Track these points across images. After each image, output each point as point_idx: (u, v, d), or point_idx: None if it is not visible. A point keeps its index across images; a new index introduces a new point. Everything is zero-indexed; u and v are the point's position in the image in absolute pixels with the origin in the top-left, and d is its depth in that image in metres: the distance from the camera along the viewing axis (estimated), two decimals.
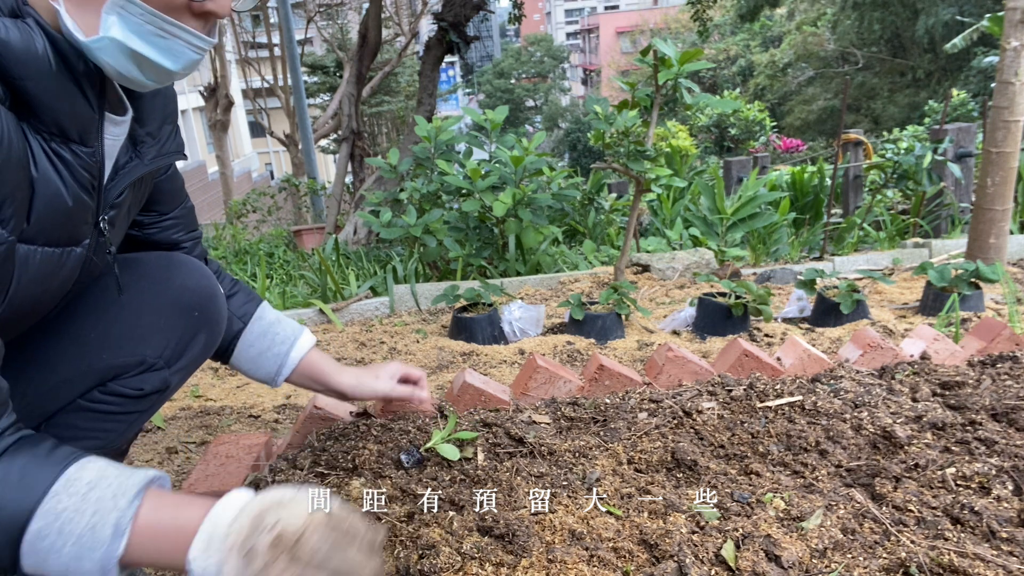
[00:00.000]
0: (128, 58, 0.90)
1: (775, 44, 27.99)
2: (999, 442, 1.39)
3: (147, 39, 0.89)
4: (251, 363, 1.35)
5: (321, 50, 24.70)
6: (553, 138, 35.41)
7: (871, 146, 7.94)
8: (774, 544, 1.11)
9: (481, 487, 1.33)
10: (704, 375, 1.79)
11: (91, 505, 0.80)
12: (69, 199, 0.92)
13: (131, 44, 0.88)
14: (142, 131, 1.08)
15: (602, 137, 3.19)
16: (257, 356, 1.34)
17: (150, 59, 0.91)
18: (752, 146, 15.21)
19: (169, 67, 0.93)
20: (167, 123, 1.15)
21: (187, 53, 0.94)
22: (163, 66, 0.92)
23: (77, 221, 0.95)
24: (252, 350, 1.34)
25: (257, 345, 1.34)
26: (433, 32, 7.55)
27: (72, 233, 0.96)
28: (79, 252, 0.98)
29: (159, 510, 0.84)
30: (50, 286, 0.96)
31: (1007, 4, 3.25)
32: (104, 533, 0.80)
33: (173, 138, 1.17)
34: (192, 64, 0.96)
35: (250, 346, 1.33)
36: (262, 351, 1.34)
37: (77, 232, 0.97)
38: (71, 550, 0.79)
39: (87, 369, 1.10)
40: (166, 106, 1.15)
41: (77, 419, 1.10)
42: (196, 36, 0.93)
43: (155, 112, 1.11)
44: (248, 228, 10.92)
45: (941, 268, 2.89)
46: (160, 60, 0.91)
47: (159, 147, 1.12)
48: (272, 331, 1.36)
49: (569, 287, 3.69)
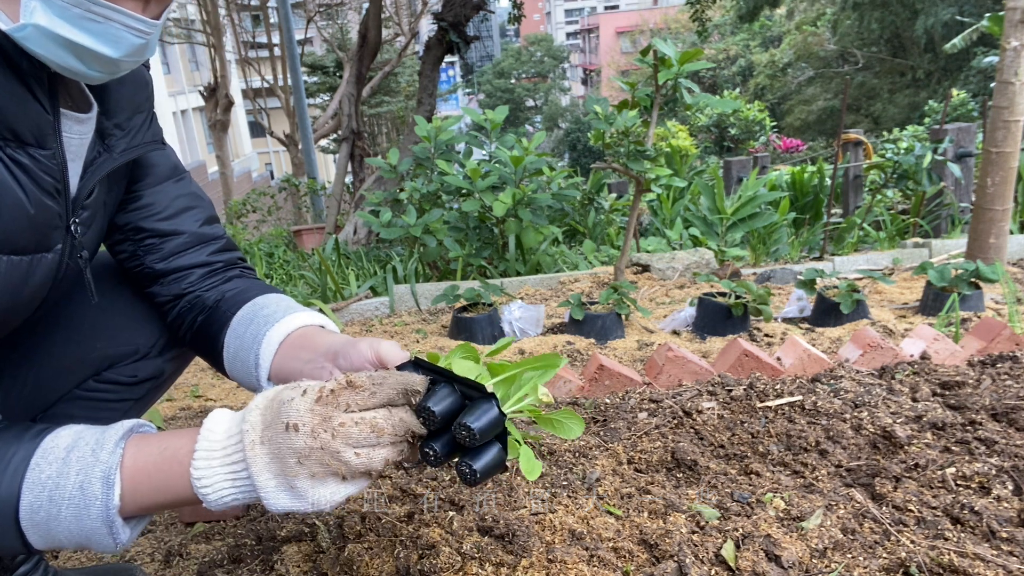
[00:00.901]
0: (61, 47, 0.81)
1: (775, 44, 28.00)
2: (999, 442, 1.39)
3: (77, 24, 0.80)
4: (233, 361, 1.08)
5: (321, 50, 24.72)
6: (553, 138, 35.42)
7: (871, 146, 7.94)
8: (774, 544, 1.11)
9: (481, 487, 1.33)
10: (704, 375, 1.79)
11: (73, 466, 0.80)
12: (31, 206, 0.87)
13: (60, 31, 0.80)
14: (109, 123, 1.02)
15: (602, 137, 3.19)
16: (237, 350, 1.07)
17: (86, 47, 0.82)
18: (752, 146, 15.22)
19: (110, 54, 0.84)
20: (138, 113, 1.07)
21: (127, 38, 0.84)
22: (102, 54, 0.83)
23: (43, 228, 0.90)
24: (233, 345, 1.08)
25: (238, 332, 1.08)
26: (433, 32, 7.55)
27: (40, 240, 0.91)
28: (50, 258, 0.94)
29: (143, 451, 0.82)
30: (21, 293, 0.92)
31: (1007, 4, 3.25)
32: (94, 488, 0.79)
33: (147, 128, 1.09)
34: (138, 50, 0.86)
35: (235, 339, 1.08)
36: (241, 341, 1.07)
37: (45, 239, 0.92)
38: (68, 513, 0.79)
39: (82, 359, 1.10)
40: (135, 95, 1.07)
41: (74, 409, 1.11)
42: (134, 18, 0.83)
43: (122, 102, 1.04)
44: (248, 228, 10.92)
45: (941, 268, 2.89)
46: (97, 47, 0.83)
47: (129, 138, 1.05)
48: (258, 314, 1.08)
49: (569, 287, 3.69)
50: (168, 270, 1.12)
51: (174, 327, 1.15)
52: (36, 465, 0.79)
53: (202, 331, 1.12)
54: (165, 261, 1.11)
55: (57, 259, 0.96)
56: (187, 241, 1.13)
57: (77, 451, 0.81)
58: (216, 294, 1.13)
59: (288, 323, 1.06)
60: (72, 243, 0.98)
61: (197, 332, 1.12)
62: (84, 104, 0.98)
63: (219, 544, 1.33)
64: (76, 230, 0.98)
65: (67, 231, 0.96)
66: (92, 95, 1.00)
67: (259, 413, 0.82)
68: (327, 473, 0.79)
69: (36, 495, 0.78)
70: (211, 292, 1.13)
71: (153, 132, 1.11)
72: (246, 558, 1.25)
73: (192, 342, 1.14)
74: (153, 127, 1.11)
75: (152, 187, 1.12)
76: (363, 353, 0.96)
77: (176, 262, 1.12)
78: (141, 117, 1.08)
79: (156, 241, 1.11)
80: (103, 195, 1.04)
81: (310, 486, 0.79)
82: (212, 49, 13.87)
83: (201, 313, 1.12)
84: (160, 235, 1.12)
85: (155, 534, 1.45)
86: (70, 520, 0.79)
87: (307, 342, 1.04)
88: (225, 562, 1.26)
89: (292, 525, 1.29)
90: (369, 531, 1.22)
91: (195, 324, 1.12)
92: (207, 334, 1.11)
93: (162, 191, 1.13)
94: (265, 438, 0.80)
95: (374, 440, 0.79)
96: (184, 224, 1.14)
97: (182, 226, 1.13)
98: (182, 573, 1.29)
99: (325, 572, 1.14)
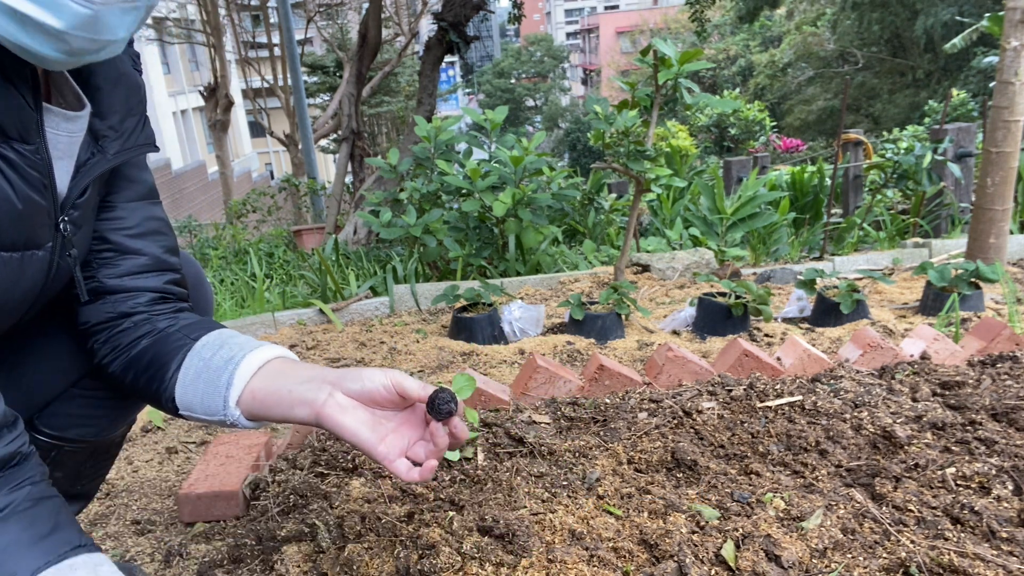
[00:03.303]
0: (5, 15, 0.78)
1: (775, 44, 28.01)
2: (999, 442, 1.39)
3: None
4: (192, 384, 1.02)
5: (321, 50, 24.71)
6: (553, 138, 35.43)
7: (871, 146, 7.94)
8: (774, 544, 1.11)
9: (481, 487, 1.33)
10: (704, 375, 1.80)
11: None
12: (18, 201, 0.87)
13: None
14: (103, 125, 1.02)
15: (602, 137, 3.19)
16: (201, 371, 1.02)
17: (26, 14, 0.78)
18: (752, 146, 15.22)
19: (53, 24, 0.80)
20: (131, 115, 1.07)
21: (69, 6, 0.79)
22: (45, 23, 0.79)
23: (31, 223, 0.91)
24: (194, 368, 1.03)
25: (204, 355, 1.04)
26: (433, 32, 7.55)
27: (29, 236, 0.91)
28: (41, 255, 0.94)
29: None
30: (14, 291, 0.91)
31: (1007, 4, 3.25)
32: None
33: (140, 131, 1.09)
34: (85, 23, 0.82)
35: (198, 360, 1.04)
36: (208, 364, 1.03)
37: (34, 235, 0.92)
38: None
39: (77, 356, 1.10)
40: (128, 98, 1.07)
41: (71, 407, 1.11)
42: None
43: (115, 105, 1.04)
44: (248, 228, 10.93)
45: (941, 268, 2.89)
46: (38, 15, 0.78)
47: (123, 141, 1.04)
48: (229, 341, 1.06)
49: (569, 287, 3.69)
50: (118, 288, 1.07)
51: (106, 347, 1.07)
52: None
53: (146, 354, 1.05)
54: (119, 279, 1.07)
55: (48, 256, 0.96)
56: (147, 264, 1.09)
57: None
58: (169, 320, 1.09)
59: (271, 350, 1.04)
60: (62, 241, 0.98)
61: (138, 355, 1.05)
62: (77, 104, 0.98)
63: (219, 544, 1.33)
64: (66, 228, 0.97)
65: (56, 228, 0.96)
66: (86, 97, 1.00)
67: None
68: None
69: None
70: (162, 318, 1.09)
71: (146, 135, 1.10)
72: (246, 558, 1.25)
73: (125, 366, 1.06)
74: (146, 130, 1.11)
75: (128, 201, 1.10)
76: (377, 379, 0.96)
77: (130, 282, 1.08)
78: (134, 120, 1.08)
79: (114, 256, 1.08)
80: (94, 197, 1.03)
81: None
82: (212, 49, 13.87)
83: (148, 336, 1.06)
84: (122, 251, 1.08)
85: (155, 534, 1.45)
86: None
87: (299, 365, 1.03)
88: (225, 562, 1.26)
89: (292, 525, 1.29)
90: (369, 531, 1.22)
91: (137, 346, 1.06)
92: (154, 356, 1.05)
93: (136, 208, 1.10)
94: None
95: None
96: (149, 247, 1.10)
97: (147, 248, 1.10)
98: (182, 573, 1.29)
99: (325, 572, 1.14)
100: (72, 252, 1.01)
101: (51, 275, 0.98)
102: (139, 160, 1.12)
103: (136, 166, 1.12)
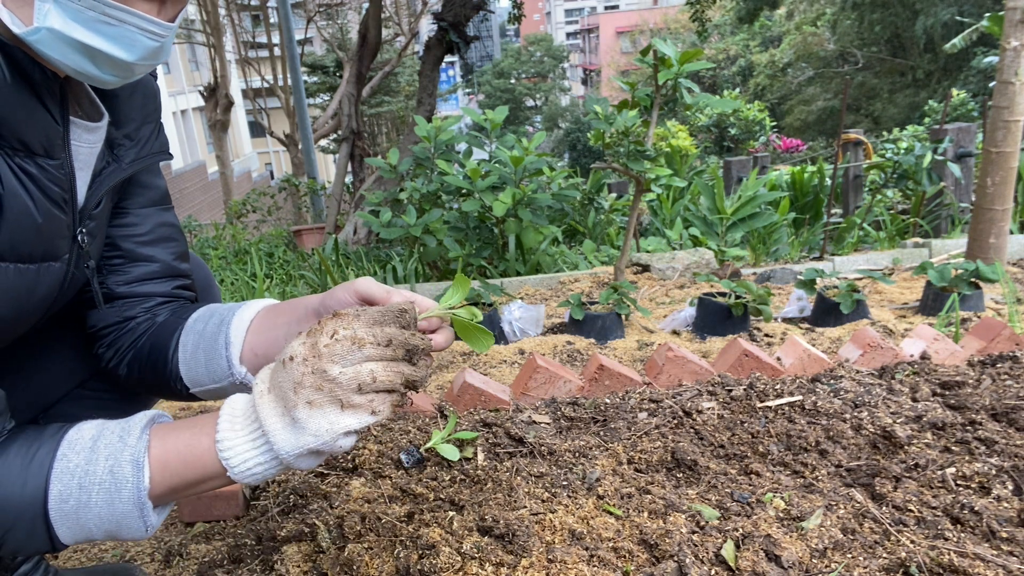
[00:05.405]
0: (75, 50, 0.81)
1: (775, 44, 28.00)
2: (999, 442, 1.39)
3: (91, 27, 0.80)
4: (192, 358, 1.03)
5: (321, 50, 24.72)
6: (553, 138, 35.42)
7: (871, 146, 7.94)
8: (774, 544, 1.11)
9: (481, 487, 1.33)
10: (704, 375, 1.79)
11: (101, 452, 0.81)
12: (39, 215, 0.87)
13: (74, 34, 0.79)
14: (119, 133, 1.02)
15: (602, 137, 3.19)
16: (198, 343, 1.03)
17: (100, 50, 0.81)
18: (752, 146, 15.22)
19: (124, 58, 0.83)
20: (147, 123, 1.07)
21: (142, 40, 0.84)
22: (117, 57, 0.83)
23: (51, 236, 0.91)
24: (191, 343, 1.04)
25: (197, 328, 1.05)
26: (433, 32, 7.55)
27: (47, 249, 0.91)
28: (58, 267, 0.94)
29: (169, 435, 0.84)
30: (28, 302, 0.91)
31: (1007, 4, 3.25)
32: (124, 471, 0.80)
33: (155, 138, 1.09)
34: (152, 53, 0.86)
35: (193, 335, 1.05)
36: (202, 335, 1.04)
37: (53, 247, 0.92)
38: (99, 498, 0.79)
39: (85, 357, 1.11)
40: (145, 105, 1.07)
41: (75, 408, 1.11)
42: (149, 21, 0.83)
43: (133, 112, 1.04)
44: (248, 228, 10.92)
45: (941, 268, 2.89)
46: (112, 50, 0.82)
47: (138, 149, 1.05)
48: (217, 310, 1.07)
49: (569, 287, 3.69)
50: (127, 294, 1.08)
51: (110, 351, 1.08)
52: (63, 455, 0.80)
53: (146, 346, 1.06)
54: (128, 285, 1.08)
55: (64, 268, 0.96)
56: (157, 271, 1.10)
57: (104, 439, 0.82)
58: (167, 312, 1.09)
59: (256, 304, 1.06)
60: (79, 252, 0.98)
61: (139, 349, 1.06)
62: (95, 113, 0.98)
63: (219, 544, 1.33)
64: (83, 240, 0.97)
65: (74, 240, 0.96)
66: (103, 105, 0.99)
67: (267, 370, 0.86)
68: (324, 399, 0.81)
69: (65, 484, 0.79)
70: (162, 313, 1.09)
71: (161, 143, 1.10)
72: (246, 558, 1.25)
73: (129, 364, 1.07)
74: (161, 137, 1.11)
75: (141, 207, 1.10)
76: (342, 297, 0.97)
77: (139, 288, 1.09)
78: (150, 127, 1.08)
79: (124, 263, 1.08)
80: (108, 206, 1.03)
81: (308, 415, 0.81)
82: (212, 49, 13.87)
83: (148, 332, 1.07)
84: (133, 258, 1.08)
85: (155, 534, 1.45)
86: (101, 505, 0.80)
87: (283, 309, 1.04)
88: (225, 562, 1.26)
89: (292, 525, 1.29)
90: (369, 531, 1.21)
91: (138, 343, 1.06)
92: (153, 344, 1.05)
93: (149, 214, 1.11)
94: (272, 383, 0.84)
95: (356, 352, 0.81)
96: (160, 253, 1.10)
97: (158, 255, 1.10)
98: (182, 573, 1.29)
99: (325, 572, 1.14)
100: (90, 264, 1.01)
101: (65, 285, 0.98)
102: (153, 166, 1.12)
103: (150, 172, 1.12)
